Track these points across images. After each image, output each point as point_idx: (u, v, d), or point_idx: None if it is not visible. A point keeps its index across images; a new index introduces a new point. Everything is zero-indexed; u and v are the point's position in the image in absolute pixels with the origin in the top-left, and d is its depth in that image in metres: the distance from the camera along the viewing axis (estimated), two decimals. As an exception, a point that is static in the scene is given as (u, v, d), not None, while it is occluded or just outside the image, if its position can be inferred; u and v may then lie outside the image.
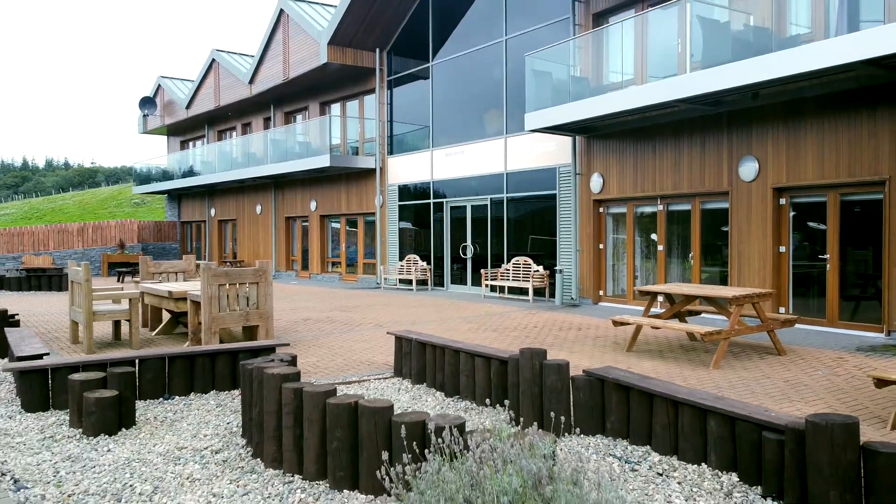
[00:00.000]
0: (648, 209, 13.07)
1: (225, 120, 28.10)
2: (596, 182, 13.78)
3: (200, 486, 4.22)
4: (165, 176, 30.79)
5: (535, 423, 3.61)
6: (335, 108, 22.35)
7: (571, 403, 5.06)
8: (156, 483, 4.26)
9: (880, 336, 9.45)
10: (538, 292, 14.99)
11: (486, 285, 16.04)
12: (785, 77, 9.20)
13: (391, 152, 20.00)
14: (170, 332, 11.03)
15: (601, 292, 13.95)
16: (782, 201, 10.77)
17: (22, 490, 4.08)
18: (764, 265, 10.83)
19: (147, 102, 31.06)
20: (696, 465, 4.37)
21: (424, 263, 18.43)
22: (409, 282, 18.73)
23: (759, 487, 3.98)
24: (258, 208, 25.76)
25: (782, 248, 10.78)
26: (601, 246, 13.99)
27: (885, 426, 5.46)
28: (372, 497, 3.99)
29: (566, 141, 14.42)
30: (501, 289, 15.99)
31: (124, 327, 11.26)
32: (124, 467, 4.54)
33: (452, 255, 17.85)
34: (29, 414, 5.87)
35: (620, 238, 13.76)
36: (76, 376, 5.49)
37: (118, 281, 23.12)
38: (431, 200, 18.40)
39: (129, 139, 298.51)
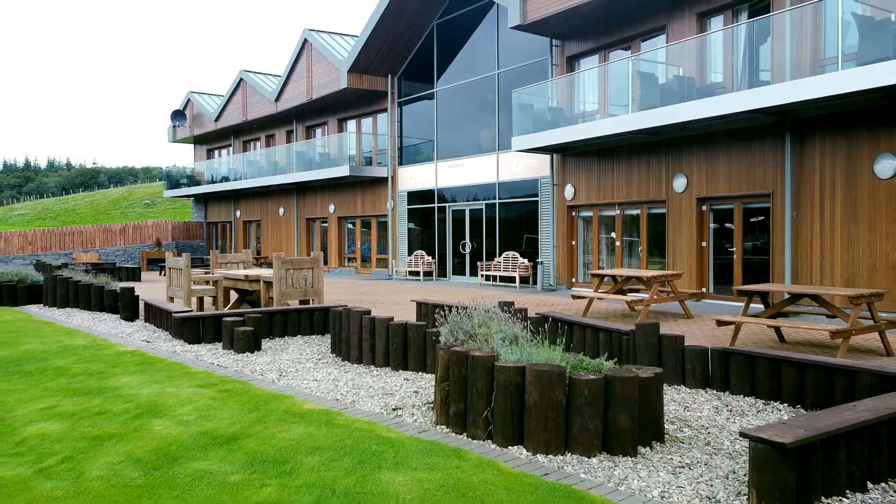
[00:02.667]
0: (609, 213, 16.54)
1: (250, 131, 31.53)
2: (569, 191, 17.24)
3: (318, 370, 7.67)
4: (193, 181, 34.26)
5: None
6: (351, 125, 25.80)
7: (528, 329, 8.50)
8: (293, 368, 7.71)
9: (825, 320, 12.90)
10: (524, 280, 18.45)
11: (482, 275, 19.52)
12: (701, 119, 12.62)
13: (401, 163, 23.45)
14: (238, 307, 14.44)
15: (573, 279, 17.41)
16: (704, 208, 14.24)
17: (224, 368, 7.54)
18: (691, 256, 14.30)
19: (177, 115, 34.48)
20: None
21: (430, 258, 21.90)
22: (417, 273, 22.17)
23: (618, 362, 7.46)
24: (281, 210, 29.20)
25: (704, 244, 14.25)
26: (573, 242, 17.45)
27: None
28: (415, 372, 7.44)
29: (546, 158, 17.87)
30: (494, 278, 19.44)
31: (206, 302, 14.66)
32: (270, 363, 7.99)
33: (453, 250, 21.31)
34: (192, 345, 9.32)
35: (588, 236, 17.23)
36: (228, 319, 8.95)
37: (160, 274, 26.55)
38: (436, 204, 21.87)
39: (129, 140, 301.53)
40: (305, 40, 25.19)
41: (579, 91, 16.47)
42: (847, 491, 3.86)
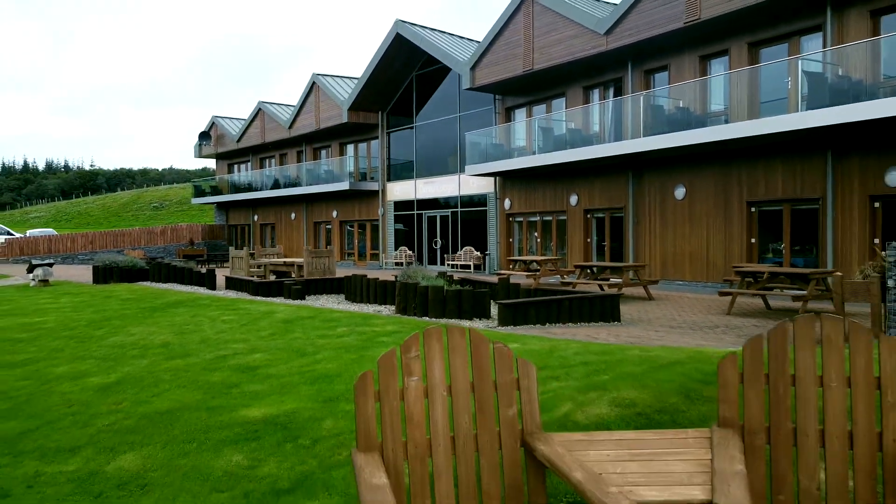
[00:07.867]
0: (533, 219, 23.60)
1: (266, 150, 38.48)
2: (507, 203, 24.28)
3: (340, 305, 14.67)
4: (216, 190, 41.19)
5: (434, 282, 14.03)
6: (350, 148, 32.83)
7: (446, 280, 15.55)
8: (327, 304, 14.71)
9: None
10: (476, 266, 25.51)
11: (448, 264, 26.57)
12: (585, 160, 19.64)
13: (389, 179, 30.45)
14: (276, 284, 21.41)
15: (510, 266, 24.44)
16: (588, 216, 21.32)
17: (291, 304, 14.60)
18: (581, 248, 21.37)
19: (204, 136, 41.40)
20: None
21: (410, 252, 28.93)
22: (401, 264, 29.18)
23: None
24: (292, 215, 36.16)
25: (589, 240, 21.34)
26: (510, 240, 24.50)
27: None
28: (391, 305, 14.48)
29: (491, 179, 24.93)
30: (456, 266, 26.49)
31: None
32: (313, 303, 14.98)
33: (428, 246, 28.34)
34: (266, 297, 16.28)
35: (520, 235, 24.28)
36: (287, 282, 15.97)
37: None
38: (415, 211, 28.89)
39: (129, 139, 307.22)
40: (314, 83, 32.16)
41: (513, 134, 23.58)
42: (535, 323, 10.93)
